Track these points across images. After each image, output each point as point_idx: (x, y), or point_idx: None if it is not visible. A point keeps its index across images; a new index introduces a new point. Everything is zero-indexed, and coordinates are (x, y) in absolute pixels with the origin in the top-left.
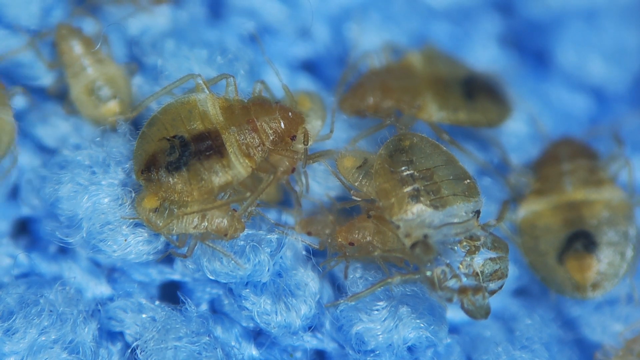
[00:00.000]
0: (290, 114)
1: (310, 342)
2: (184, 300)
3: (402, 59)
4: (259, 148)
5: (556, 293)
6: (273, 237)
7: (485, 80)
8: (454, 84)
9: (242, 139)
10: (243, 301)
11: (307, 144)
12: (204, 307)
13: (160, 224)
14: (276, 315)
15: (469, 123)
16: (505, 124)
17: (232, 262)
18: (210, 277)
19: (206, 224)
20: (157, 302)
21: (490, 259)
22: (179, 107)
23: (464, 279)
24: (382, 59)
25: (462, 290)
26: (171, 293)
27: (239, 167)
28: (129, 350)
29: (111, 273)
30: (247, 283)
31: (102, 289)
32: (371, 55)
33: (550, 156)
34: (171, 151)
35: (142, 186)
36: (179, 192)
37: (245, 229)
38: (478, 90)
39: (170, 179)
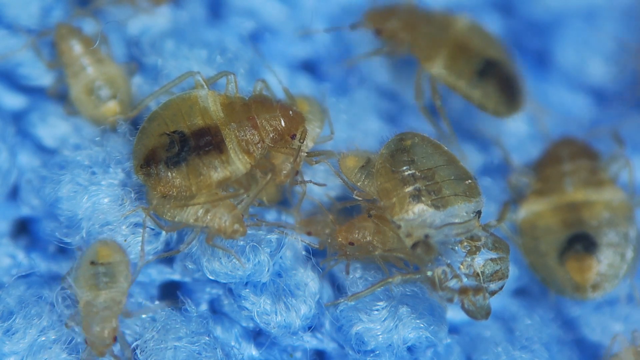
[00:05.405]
0: (291, 112)
1: (310, 342)
2: (184, 300)
3: (450, 14)
4: (259, 145)
5: (556, 294)
6: (273, 237)
7: (507, 72)
8: (475, 58)
9: (242, 136)
10: (243, 301)
11: (304, 142)
12: (204, 307)
13: (167, 212)
14: (276, 315)
15: (463, 95)
16: (500, 121)
17: (232, 262)
18: (210, 277)
19: (208, 218)
20: (157, 302)
21: (491, 259)
22: (179, 103)
23: (465, 280)
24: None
25: (463, 291)
26: (171, 293)
27: (238, 163)
28: None
29: None
30: (246, 283)
31: None
32: None
33: (551, 156)
34: (171, 146)
35: (142, 182)
36: (177, 187)
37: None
38: (492, 75)
39: (169, 174)
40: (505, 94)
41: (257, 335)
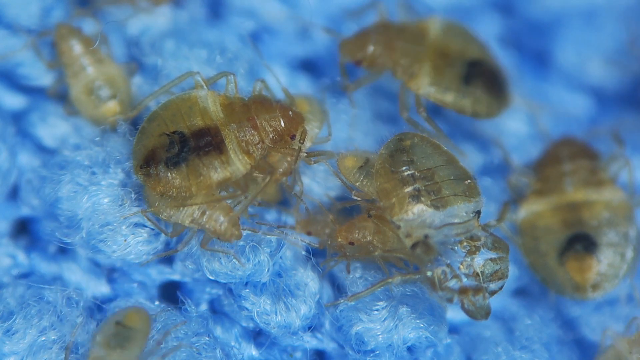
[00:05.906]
0: (290, 113)
1: (310, 342)
2: (184, 300)
3: (421, 21)
4: (259, 145)
5: (556, 294)
6: (273, 237)
7: (491, 69)
8: (457, 63)
9: (242, 136)
10: (243, 301)
11: (303, 143)
12: (204, 307)
13: (164, 211)
14: (276, 315)
15: (455, 108)
16: (495, 120)
17: (232, 262)
18: (210, 277)
19: (204, 220)
20: (157, 302)
21: (491, 259)
22: (179, 103)
23: (465, 280)
24: (398, 14)
25: (463, 291)
26: (171, 293)
27: (238, 164)
28: None
29: (111, 273)
30: (246, 283)
31: (102, 289)
32: (381, 5)
33: (551, 156)
34: (170, 147)
35: (141, 182)
36: (177, 187)
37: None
38: (477, 77)
39: (169, 175)
40: (494, 92)
41: (257, 335)
